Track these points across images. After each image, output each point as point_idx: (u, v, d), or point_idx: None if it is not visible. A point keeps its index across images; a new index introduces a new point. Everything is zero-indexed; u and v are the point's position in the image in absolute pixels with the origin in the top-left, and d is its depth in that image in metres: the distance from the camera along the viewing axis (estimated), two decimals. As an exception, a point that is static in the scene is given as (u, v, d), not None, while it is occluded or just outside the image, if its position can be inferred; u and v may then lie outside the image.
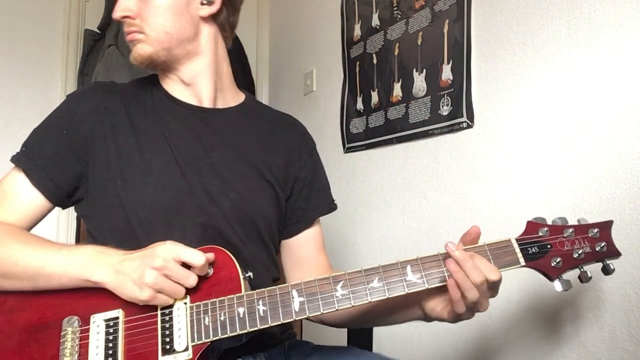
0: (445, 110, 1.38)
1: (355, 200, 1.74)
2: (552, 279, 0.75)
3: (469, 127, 1.31)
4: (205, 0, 0.92)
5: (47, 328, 0.75)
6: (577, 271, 0.75)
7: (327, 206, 1.05)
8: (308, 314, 0.72)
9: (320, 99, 2.02)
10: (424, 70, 1.46)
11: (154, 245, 0.75)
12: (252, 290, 0.75)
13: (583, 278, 0.74)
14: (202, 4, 0.92)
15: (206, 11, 0.93)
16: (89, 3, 2.39)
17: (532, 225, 0.77)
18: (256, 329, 0.72)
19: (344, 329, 1.09)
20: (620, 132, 0.98)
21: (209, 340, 0.72)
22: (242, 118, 0.99)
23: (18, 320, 0.76)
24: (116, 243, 0.80)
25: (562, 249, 0.75)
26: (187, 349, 0.71)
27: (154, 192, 0.86)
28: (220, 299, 0.74)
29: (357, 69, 1.78)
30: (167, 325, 0.73)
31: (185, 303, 0.74)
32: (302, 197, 1.01)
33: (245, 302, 0.73)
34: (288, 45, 2.34)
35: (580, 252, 0.74)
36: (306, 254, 1.01)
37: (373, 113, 1.68)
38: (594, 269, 0.75)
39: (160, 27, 0.88)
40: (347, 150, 1.79)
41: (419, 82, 1.48)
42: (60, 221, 2.25)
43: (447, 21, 1.38)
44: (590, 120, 1.03)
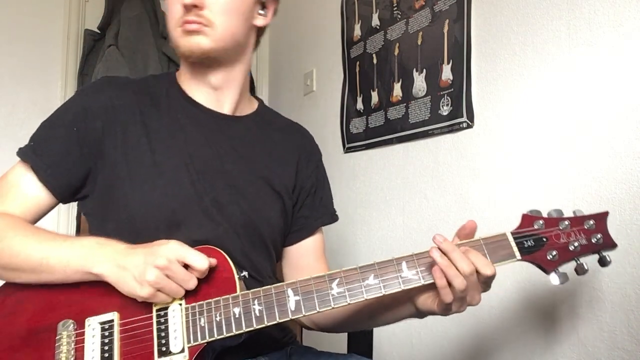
0: (445, 110, 1.38)
1: (355, 200, 1.74)
2: (548, 272, 0.74)
3: (469, 127, 1.31)
4: (262, 11, 0.93)
5: (42, 332, 0.75)
6: (573, 264, 0.74)
7: (330, 216, 1.05)
8: (304, 313, 0.72)
9: (320, 99, 2.02)
10: (424, 70, 1.46)
11: (158, 243, 0.74)
12: (247, 290, 0.75)
13: (579, 270, 0.74)
14: (258, 14, 0.93)
15: (261, 21, 0.94)
16: (89, 3, 2.39)
17: (528, 218, 0.77)
18: (252, 329, 0.72)
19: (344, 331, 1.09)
20: (620, 132, 0.97)
21: (205, 341, 0.71)
22: (256, 127, 0.99)
23: (13, 324, 0.76)
24: None
25: (557, 241, 0.74)
26: (183, 351, 0.71)
27: (162, 197, 0.84)
28: (215, 299, 0.73)
29: (357, 69, 1.78)
30: (162, 327, 0.73)
31: (180, 304, 0.74)
32: (306, 206, 1.01)
33: (240, 302, 0.73)
34: (288, 45, 2.34)
35: (576, 244, 0.74)
36: (306, 262, 1.01)
37: (373, 113, 1.67)
38: (591, 263, 0.75)
39: (228, 27, 0.87)
40: (347, 150, 1.79)
41: (419, 82, 1.48)
42: (60, 217, 2.26)
43: (447, 21, 1.38)
44: (590, 120, 1.03)
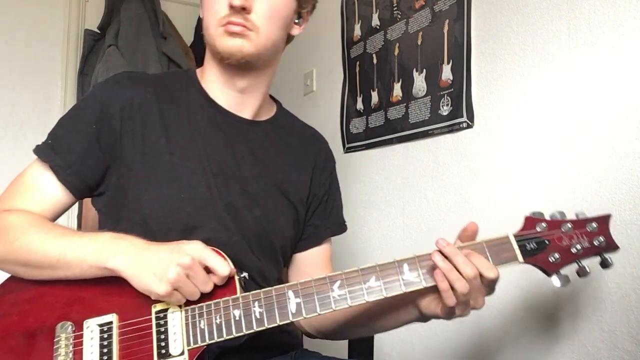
0: (445, 110, 1.38)
1: (355, 200, 1.74)
2: (549, 275, 0.74)
3: (469, 127, 1.31)
4: (297, 20, 0.93)
5: (41, 333, 0.73)
6: (575, 266, 0.74)
7: (339, 226, 1.04)
8: (305, 315, 0.71)
9: (320, 99, 2.02)
10: (424, 70, 1.46)
11: (181, 242, 0.73)
12: (246, 290, 0.74)
13: (581, 273, 0.74)
14: (295, 23, 0.93)
15: (297, 31, 0.94)
16: (89, 3, 2.39)
17: (530, 221, 0.76)
18: (252, 331, 0.71)
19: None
20: (620, 132, 0.97)
21: (205, 343, 0.70)
22: (274, 133, 0.97)
23: (11, 325, 0.75)
24: None
25: (560, 244, 0.74)
26: (182, 353, 0.70)
27: (178, 200, 0.83)
28: (215, 301, 0.72)
29: (357, 69, 1.77)
30: (162, 330, 0.72)
31: (180, 306, 0.73)
32: (317, 215, 1.00)
33: (241, 305, 0.72)
34: (288, 45, 2.34)
35: (578, 246, 0.74)
36: (312, 269, 0.99)
37: (373, 113, 1.67)
38: (593, 265, 0.75)
39: (271, 34, 0.86)
40: (347, 150, 1.79)
41: (419, 82, 1.48)
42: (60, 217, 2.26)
43: (447, 21, 1.38)
44: (590, 120, 1.03)
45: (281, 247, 0.93)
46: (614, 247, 0.74)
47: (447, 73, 1.37)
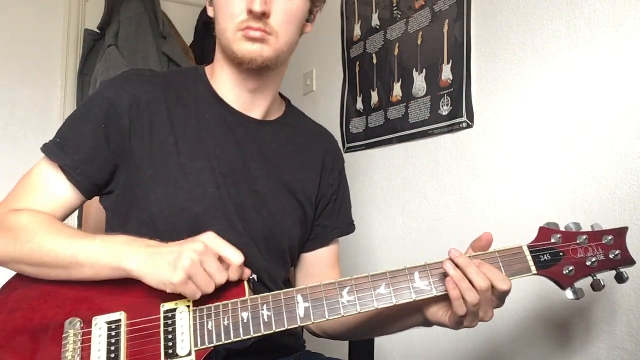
0: (445, 110, 1.38)
1: (355, 200, 1.73)
2: (564, 288, 0.72)
3: (469, 127, 1.31)
4: (308, 18, 0.93)
5: (49, 329, 0.74)
6: (589, 279, 0.72)
7: (347, 227, 1.04)
8: (313, 320, 0.71)
9: (320, 99, 2.02)
10: (424, 70, 1.46)
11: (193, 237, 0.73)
12: (254, 292, 0.74)
13: (596, 287, 0.72)
14: (307, 22, 0.93)
15: (309, 29, 0.94)
16: (89, 3, 2.39)
17: (545, 232, 0.74)
18: (260, 334, 0.70)
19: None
20: (620, 132, 0.98)
21: (213, 345, 0.70)
22: (283, 132, 0.97)
23: (20, 320, 0.75)
24: None
25: (575, 256, 0.72)
26: (190, 354, 0.70)
27: (186, 200, 0.83)
28: (224, 303, 0.72)
29: (357, 69, 1.78)
30: (170, 329, 0.72)
31: (188, 306, 0.73)
32: (325, 215, 1.00)
33: (249, 307, 0.71)
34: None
35: (593, 260, 0.72)
36: (319, 270, 0.99)
37: (373, 113, 1.68)
38: (607, 277, 0.73)
39: (288, 38, 0.86)
40: (347, 150, 1.79)
41: (419, 82, 1.48)
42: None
43: (447, 21, 1.38)
44: (590, 120, 1.03)
45: (289, 248, 0.93)
46: (630, 262, 0.73)
47: (447, 73, 1.37)
